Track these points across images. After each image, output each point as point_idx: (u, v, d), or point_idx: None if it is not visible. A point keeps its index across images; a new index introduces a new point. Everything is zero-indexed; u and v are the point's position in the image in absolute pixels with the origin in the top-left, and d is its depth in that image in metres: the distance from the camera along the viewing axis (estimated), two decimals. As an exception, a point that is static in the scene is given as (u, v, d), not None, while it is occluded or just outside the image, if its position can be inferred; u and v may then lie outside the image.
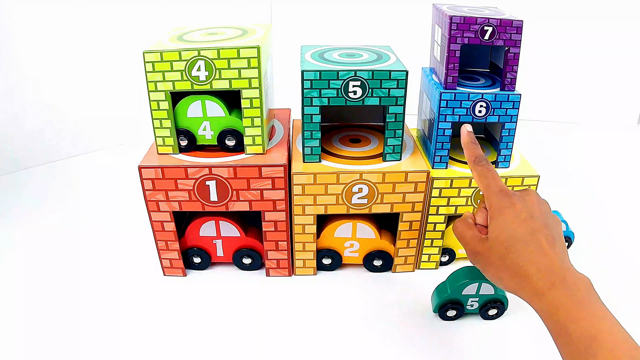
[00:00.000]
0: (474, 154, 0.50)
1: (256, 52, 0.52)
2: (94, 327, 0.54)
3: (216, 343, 0.53)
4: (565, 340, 0.37)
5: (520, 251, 0.42)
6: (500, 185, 0.46)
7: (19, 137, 0.88)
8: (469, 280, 0.53)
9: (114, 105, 0.97)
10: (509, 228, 0.43)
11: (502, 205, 0.44)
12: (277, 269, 0.62)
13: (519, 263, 0.41)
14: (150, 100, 0.54)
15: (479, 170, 0.48)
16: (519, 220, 0.43)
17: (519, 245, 0.42)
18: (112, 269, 0.64)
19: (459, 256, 0.65)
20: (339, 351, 0.52)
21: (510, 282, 0.42)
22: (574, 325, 0.36)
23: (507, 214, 0.43)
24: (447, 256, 0.64)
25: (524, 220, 0.43)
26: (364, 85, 0.53)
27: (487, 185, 0.47)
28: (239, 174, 0.55)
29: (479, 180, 0.48)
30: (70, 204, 0.79)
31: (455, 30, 0.54)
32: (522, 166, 0.61)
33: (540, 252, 0.41)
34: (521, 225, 0.43)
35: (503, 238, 0.43)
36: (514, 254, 0.42)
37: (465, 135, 0.53)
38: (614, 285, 0.61)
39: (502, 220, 0.44)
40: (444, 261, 0.65)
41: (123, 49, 0.92)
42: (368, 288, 0.61)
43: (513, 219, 0.43)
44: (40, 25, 0.84)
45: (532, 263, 0.41)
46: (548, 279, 0.39)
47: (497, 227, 0.44)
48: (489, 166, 0.48)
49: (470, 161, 0.50)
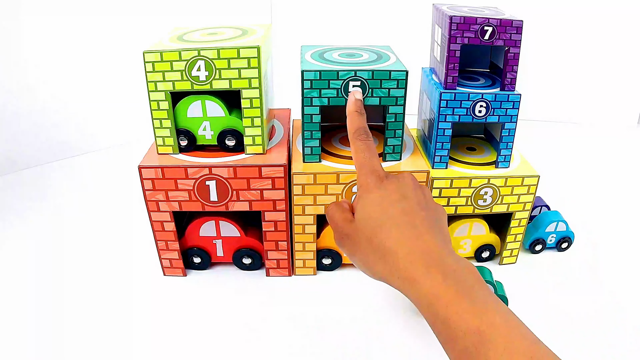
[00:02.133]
0: (356, 125, 0.46)
1: (256, 52, 0.52)
2: (94, 327, 0.54)
3: (216, 343, 0.53)
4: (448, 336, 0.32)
5: (390, 231, 0.37)
6: (375, 165, 0.42)
7: (19, 137, 0.88)
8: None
9: (114, 106, 0.97)
10: (378, 207, 0.38)
11: (372, 185, 0.40)
12: (277, 269, 0.62)
13: (387, 244, 0.36)
14: (150, 100, 0.54)
15: (358, 144, 0.44)
16: (390, 200, 0.38)
17: (388, 224, 0.37)
18: (112, 268, 0.64)
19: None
20: (339, 351, 0.52)
21: (379, 266, 0.37)
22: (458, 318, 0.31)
23: (376, 193, 0.39)
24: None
25: (396, 201, 0.38)
26: (364, 85, 0.53)
27: (361, 162, 0.42)
28: (239, 174, 0.55)
29: (355, 155, 0.44)
30: (70, 204, 0.79)
31: (455, 30, 0.54)
32: (522, 166, 0.61)
33: (413, 233, 0.36)
34: (392, 205, 0.38)
35: (371, 217, 0.38)
36: (383, 234, 0.37)
37: (352, 104, 0.48)
38: (614, 285, 0.61)
39: (371, 199, 0.39)
40: (444, 261, 0.65)
41: (123, 49, 0.92)
42: (368, 288, 0.61)
43: (383, 199, 0.39)
44: (40, 26, 0.84)
45: (402, 244, 0.36)
46: (422, 262, 0.34)
47: (365, 207, 0.39)
48: (369, 142, 0.44)
49: (350, 132, 0.45)
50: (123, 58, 0.92)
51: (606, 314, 0.57)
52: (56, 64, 0.88)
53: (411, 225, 0.37)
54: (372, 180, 0.40)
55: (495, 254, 0.65)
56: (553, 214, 0.67)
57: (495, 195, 0.59)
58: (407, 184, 0.40)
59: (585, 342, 0.53)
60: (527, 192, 0.59)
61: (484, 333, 0.30)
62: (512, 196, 0.59)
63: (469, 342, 0.30)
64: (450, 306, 0.32)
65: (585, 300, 0.59)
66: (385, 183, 0.40)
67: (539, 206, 0.70)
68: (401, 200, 0.38)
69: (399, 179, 0.41)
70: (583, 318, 0.56)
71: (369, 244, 0.38)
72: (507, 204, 0.60)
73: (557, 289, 0.61)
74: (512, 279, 0.62)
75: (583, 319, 0.56)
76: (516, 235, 0.63)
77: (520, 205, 0.60)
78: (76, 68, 0.91)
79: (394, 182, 0.40)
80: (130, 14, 0.93)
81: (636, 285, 0.62)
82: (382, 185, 0.40)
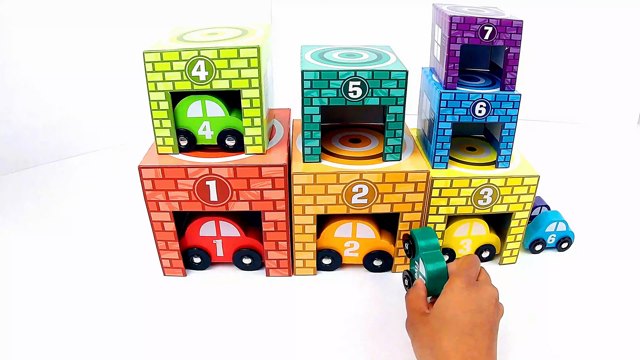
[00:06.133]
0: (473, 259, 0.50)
1: (256, 52, 0.52)
2: (94, 327, 0.54)
3: (216, 343, 0.53)
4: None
5: (452, 335, 0.42)
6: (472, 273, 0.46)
7: (19, 137, 0.88)
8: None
9: (114, 106, 0.97)
10: (453, 311, 0.43)
11: (458, 288, 0.45)
12: (277, 269, 0.62)
13: (444, 344, 0.42)
14: (150, 100, 0.54)
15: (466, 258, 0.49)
16: (466, 309, 0.43)
17: (454, 328, 0.42)
18: (112, 269, 0.64)
19: (458, 256, 0.65)
20: (339, 351, 0.52)
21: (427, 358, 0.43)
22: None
23: (458, 298, 0.44)
24: (447, 256, 0.64)
25: (471, 311, 0.43)
26: (364, 85, 0.53)
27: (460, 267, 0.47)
28: (239, 174, 0.55)
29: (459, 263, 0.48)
30: (70, 204, 0.79)
31: (455, 30, 0.54)
32: (522, 166, 0.61)
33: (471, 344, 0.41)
34: (466, 313, 0.43)
35: (444, 317, 0.43)
36: (445, 335, 0.42)
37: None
38: (614, 286, 0.61)
39: (451, 300, 0.44)
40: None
41: (123, 49, 0.92)
42: (368, 288, 0.61)
43: (461, 304, 0.43)
44: (40, 26, 0.84)
45: (458, 350, 0.41)
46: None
47: (441, 306, 0.44)
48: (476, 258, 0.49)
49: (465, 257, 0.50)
50: (123, 58, 0.92)
51: (606, 314, 0.57)
52: (56, 64, 0.88)
53: (473, 336, 0.42)
54: (461, 284, 0.45)
55: (495, 254, 0.65)
56: (553, 214, 0.67)
57: (495, 195, 0.59)
58: (487, 299, 0.44)
59: (585, 342, 0.53)
60: (527, 192, 0.59)
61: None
62: (512, 196, 0.59)
63: None
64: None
65: (585, 301, 0.59)
66: (470, 290, 0.44)
67: (539, 206, 0.70)
68: (475, 312, 0.43)
69: (484, 291, 0.45)
70: (583, 318, 0.56)
71: (430, 337, 0.43)
72: (507, 204, 0.60)
73: (557, 289, 0.61)
74: (512, 279, 0.62)
75: (583, 319, 0.56)
76: (516, 235, 0.63)
77: (520, 205, 0.60)
78: (76, 68, 0.91)
79: (478, 291, 0.44)
80: (131, 14, 0.93)
81: (636, 285, 0.62)
82: (467, 292, 0.44)
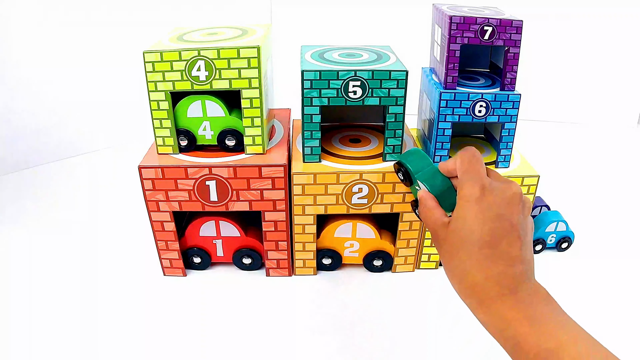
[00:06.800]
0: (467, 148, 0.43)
1: (256, 52, 0.52)
2: (94, 327, 0.54)
3: (216, 343, 0.53)
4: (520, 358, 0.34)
5: (473, 252, 0.37)
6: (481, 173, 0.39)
7: (19, 137, 0.88)
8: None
9: (114, 105, 0.97)
10: (471, 224, 0.37)
11: (473, 198, 0.38)
12: (277, 269, 0.62)
13: (467, 264, 0.37)
14: (150, 100, 0.54)
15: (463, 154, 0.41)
16: (484, 218, 0.37)
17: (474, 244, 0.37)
18: (112, 268, 0.64)
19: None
20: (339, 351, 0.52)
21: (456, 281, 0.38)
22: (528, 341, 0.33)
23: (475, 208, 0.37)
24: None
25: (490, 220, 0.37)
26: (364, 85, 0.53)
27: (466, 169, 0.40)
28: (239, 174, 0.55)
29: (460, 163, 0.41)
30: (71, 204, 0.79)
31: (455, 30, 0.54)
32: (522, 166, 0.61)
33: (495, 258, 0.36)
34: (484, 224, 0.37)
35: (461, 233, 0.38)
36: (465, 253, 0.37)
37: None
38: (614, 286, 0.61)
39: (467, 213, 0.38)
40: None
41: (123, 49, 0.92)
42: (368, 288, 0.61)
43: (477, 216, 0.37)
44: (40, 26, 0.84)
45: (481, 268, 0.36)
46: (496, 289, 0.35)
47: (458, 219, 0.38)
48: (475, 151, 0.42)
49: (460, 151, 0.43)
50: (123, 58, 0.92)
51: (606, 314, 0.57)
52: (56, 64, 0.88)
53: (496, 249, 0.36)
54: (476, 192, 0.38)
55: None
56: (553, 214, 0.67)
57: (495, 195, 0.59)
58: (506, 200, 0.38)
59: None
60: (527, 192, 0.59)
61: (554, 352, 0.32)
62: (512, 196, 0.59)
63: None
64: (520, 330, 0.34)
65: (585, 301, 0.59)
66: (486, 196, 0.38)
67: (539, 206, 0.70)
68: (495, 220, 0.37)
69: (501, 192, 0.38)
70: (583, 318, 0.56)
71: (450, 256, 0.38)
72: None
73: (557, 289, 0.61)
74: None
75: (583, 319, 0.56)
76: (516, 235, 0.63)
77: (520, 205, 0.60)
78: (76, 68, 0.91)
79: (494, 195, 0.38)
80: (131, 14, 0.93)
81: (636, 285, 0.62)
82: (483, 199, 0.38)
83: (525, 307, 0.35)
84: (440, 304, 0.58)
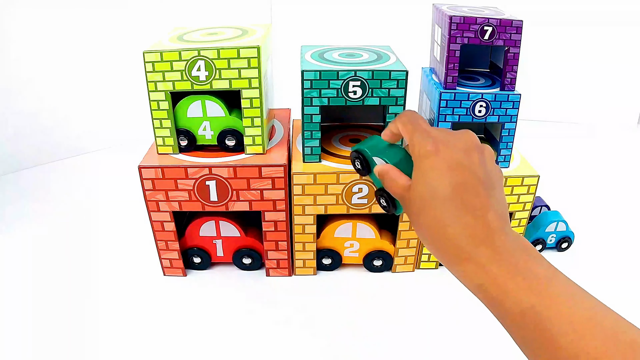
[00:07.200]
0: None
1: (256, 52, 0.52)
2: (94, 327, 0.54)
3: (216, 343, 0.53)
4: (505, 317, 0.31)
5: (437, 209, 0.34)
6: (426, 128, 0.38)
7: (19, 137, 0.88)
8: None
9: (114, 105, 0.97)
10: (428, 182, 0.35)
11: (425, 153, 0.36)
12: (277, 269, 0.62)
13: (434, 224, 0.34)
14: (150, 100, 0.54)
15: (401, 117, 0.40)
16: (441, 172, 0.35)
17: (437, 200, 0.34)
18: (112, 268, 0.64)
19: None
20: (339, 351, 0.52)
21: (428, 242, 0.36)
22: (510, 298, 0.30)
23: (429, 162, 0.36)
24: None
25: (448, 172, 0.35)
26: (364, 85, 0.53)
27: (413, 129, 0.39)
28: (239, 174, 0.55)
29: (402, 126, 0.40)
30: (70, 204, 0.79)
31: (455, 30, 0.54)
32: (522, 166, 0.61)
33: (462, 211, 0.34)
34: (442, 177, 0.35)
35: (421, 193, 0.36)
36: (431, 212, 0.35)
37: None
38: (614, 286, 0.61)
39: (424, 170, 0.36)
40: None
41: (123, 49, 0.92)
42: (368, 288, 0.61)
43: (434, 170, 0.35)
44: (40, 25, 0.84)
45: (450, 224, 0.34)
46: (470, 243, 0.33)
47: (416, 180, 0.36)
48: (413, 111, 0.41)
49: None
50: (123, 58, 0.92)
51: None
52: (56, 64, 0.88)
53: (460, 201, 0.34)
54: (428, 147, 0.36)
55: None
56: (553, 214, 0.67)
57: (495, 195, 0.59)
58: (462, 148, 0.36)
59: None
60: (527, 192, 0.59)
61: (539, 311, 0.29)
62: (512, 196, 0.59)
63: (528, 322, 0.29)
64: (501, 286, 0.31)
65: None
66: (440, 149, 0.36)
67: (539, 206, 0.70)
68: (454, 171, 0.35)
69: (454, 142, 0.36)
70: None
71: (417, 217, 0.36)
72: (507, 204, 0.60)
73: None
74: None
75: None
76: (516, 235, 0.63)
77: (520, 205, 0.60)
78: (76, 68, 0.91)
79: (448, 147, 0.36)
80: (131, 14, 0.93)
81: (636, 285, 0.62)
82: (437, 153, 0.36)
83: (503, 259, 0.32)
84: (440, 304, 0.58)
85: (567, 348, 0.28)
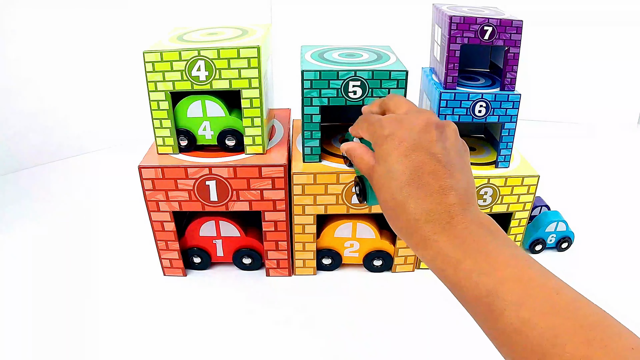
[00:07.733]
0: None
1: (256, 52, 0.52)
2: (93, 327, 0.54)
3: (216, 343, 0.53)
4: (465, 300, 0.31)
5: (397, 193, 0.34)
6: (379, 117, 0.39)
7: (19, 137, 0.88)
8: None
9: (114, 105, 0.97)
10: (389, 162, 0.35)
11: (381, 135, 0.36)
12: (277, 269, 0.62)
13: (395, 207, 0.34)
14: (150, 100, 0.54)
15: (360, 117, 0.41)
16: (398, 154, 0.35)
17: (395, 186, 0.34)
18: (112, 268, 0.64)
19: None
20: (339, 351, 0.52)
21: (393, 227, 0.36)
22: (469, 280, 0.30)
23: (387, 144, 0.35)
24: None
25: (405, 153, 0.34)
26: (364, 85, 0.53)
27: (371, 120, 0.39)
28: (239, 174, 0.55)
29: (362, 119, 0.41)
30: (70, 204, 0.79)
31: (455, 30, 0.54)
32: (522, 166, 0.61)
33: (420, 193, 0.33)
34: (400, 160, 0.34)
35: (380, 176, 0.36)
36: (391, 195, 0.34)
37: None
38: (614, 286, 0.61)
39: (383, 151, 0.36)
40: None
41: (123, 49, 0.92)
42: (368, 288, 0.61)
43: (392, 150, 0.35)
44: (40, 25, 0.84)
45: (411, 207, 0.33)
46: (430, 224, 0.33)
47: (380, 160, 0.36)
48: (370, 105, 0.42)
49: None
50: (123, 58, 0.92)
51: (606, 314, 0.57)
52: (56, 64, 0.88)
53: (419, 183, 0.33)
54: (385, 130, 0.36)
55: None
56: (553, 214, 0.67)
57: (495, 195, 0.59)
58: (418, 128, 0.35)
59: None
60: (527, 192, 0.59)
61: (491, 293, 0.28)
62: (512, 196, 0.59)
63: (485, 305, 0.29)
64: (459, 268, 0.30)
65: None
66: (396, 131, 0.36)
67: (539, 206, 0.70)
68: (410, 153, 0.34)
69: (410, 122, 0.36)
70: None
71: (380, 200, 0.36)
72: (507, 204, 0.60)
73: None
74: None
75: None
76: (516, 235, 0.63)
77: (520, 205, 0.60)
78: (77, 68, 0.91)
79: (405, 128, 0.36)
80: (131, 14, 0.93)
81: (636, 285, 0.62)
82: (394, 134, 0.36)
83: (463, 242, 0.31)
84: (440, 304, 0.58)
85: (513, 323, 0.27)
